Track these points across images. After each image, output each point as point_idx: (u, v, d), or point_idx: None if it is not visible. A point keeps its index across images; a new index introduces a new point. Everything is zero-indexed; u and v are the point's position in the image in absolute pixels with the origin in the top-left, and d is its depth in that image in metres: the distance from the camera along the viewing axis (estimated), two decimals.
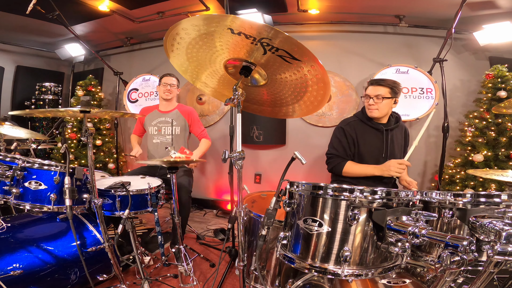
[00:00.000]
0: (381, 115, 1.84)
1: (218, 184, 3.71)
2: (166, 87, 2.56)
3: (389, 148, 1.85)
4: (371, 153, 1.85)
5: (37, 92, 4.11)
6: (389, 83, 1.81)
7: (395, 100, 1.83)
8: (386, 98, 1.79)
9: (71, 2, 2.87)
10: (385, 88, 1.79)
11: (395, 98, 1.82)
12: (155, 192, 1.79)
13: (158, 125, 2.58)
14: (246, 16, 2.86)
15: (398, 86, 1.83)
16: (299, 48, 0.99)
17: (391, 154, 1.85)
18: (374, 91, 1.81)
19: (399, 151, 1.90)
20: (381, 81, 1.82)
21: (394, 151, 1.87)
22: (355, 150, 1.87)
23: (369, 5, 2.87)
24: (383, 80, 1.82)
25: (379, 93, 1.79)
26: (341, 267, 0.89)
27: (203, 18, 1.01)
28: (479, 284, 0.76)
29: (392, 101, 1.82)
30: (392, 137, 1.88)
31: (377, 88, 1.80)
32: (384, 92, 1.79)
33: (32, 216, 1.69)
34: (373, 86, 1.83)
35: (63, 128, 3.10)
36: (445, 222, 1.02)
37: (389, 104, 1.82)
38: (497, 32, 2.54)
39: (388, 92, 1.79)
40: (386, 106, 1.81)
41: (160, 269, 2.00)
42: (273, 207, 1.08)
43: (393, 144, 1.87)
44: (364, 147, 1.86)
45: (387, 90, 1.79)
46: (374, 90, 1.81)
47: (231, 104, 1.16)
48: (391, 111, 1.90)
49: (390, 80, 1.84)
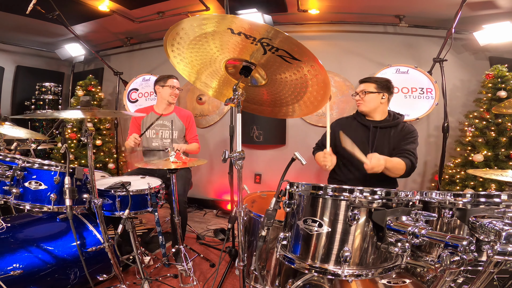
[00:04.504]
0: (368, 109, 1.90)
1: (218, 184, 3.71)
2: (174, 90, 2.49)
3: (376, 145, 1.85)
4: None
5: (37, 92, 4.11)
6: (375, 79, 1.92)
7: (384, 95, 1.86)
8: (369, 92, 1.87)
9: (71, 2, 2.87)
10: (370, 84, 1.89)
11: (383, 93, 1.86)
12: (155, 192, 1.79)
13: (155, 128, 2.51)
14: (246, 16, 2.86)
15: (386, 82, 1.88)
16: (299, 48, 0.99)
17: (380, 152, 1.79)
18: (360, 88, 1.92)
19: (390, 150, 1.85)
20: (367, 78, 1.94)
21: (382, 148, 1.83)
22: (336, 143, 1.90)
23: (369, 5, 2.87)
24: (370, 78, 1.95)
25: (363, 88, 1.90)
26: (341, 268, 0.89)
27: (203, 18, 1.01)
28: (479, 284, 0.76)
29: (379, 96, 1.86)
30: (384, 135, 1.88)
31: (363, 85, 1.92)
32: (368, 88, 1.88)
33: (32, 216, 1.69)
34: (361, 84, 1.94)
35: (63, 128, 3.09)
36: (445, 222, 1.02)
37: (375, 98, 1.87)
38: (497, 32, 2.54)
39: (373, 87, 1.87)
40: (371, 100, 1.88)
41: (160, 269, 2.00)
42: (273, 208, 1.08)
43: (383, 142, 1.86)
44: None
45: (372, 85, 1.88)
46: (360, 87, 1.93)
47: (231, 104, 1.16)
48: (384, 108, 1.91)
49: (378, 77, 1.96)
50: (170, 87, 2.48)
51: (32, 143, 2.34)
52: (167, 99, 2.50)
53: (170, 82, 2.50)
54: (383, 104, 1.89)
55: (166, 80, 2.51)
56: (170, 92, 2.48)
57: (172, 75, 2.55)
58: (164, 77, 2.54)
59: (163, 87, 2.50)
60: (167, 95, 2.49)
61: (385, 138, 1.88)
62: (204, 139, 3.69)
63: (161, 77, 2.56)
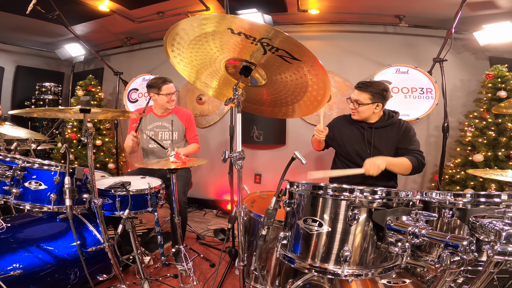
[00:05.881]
0: (361, 119, 1.91)
1: (218, 184, 3.71)
2: (170, 97, 2.33)
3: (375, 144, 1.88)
4: (353, 147, 1.94)
5: (37, 92, 4.11)
6: (371, 89, 1.82)
7: (378, 105, 1.84)
8: (363, 104, 1.83)
9: (71, 2, 2.87)
10: (365, 94, 1.82)
11: (378, 103, 1.83)
12: (155, 192, 1.79)
13: (154, 129, 2.43)
14: (246, 16, 2.86)
15: (382, 92, 1.82)
16: (299, 48, 0.99)
17: (378, 151, 1.87)
18: (355, 96, 1.87)
19: (387, 149, 1.88)
20: (363, 87, 1.84)
21: (382, 147, 1.87)
22: (334, 141, 2.03)
23: (369, 5, 2.87)
24: (366, 85, 1.84)
25: (358, 98, 1.85)
26: (341, 267, 0.89)
27: (203, 18, 1.01)
28: (479, 284, 0.76)
29: (373, 106, 1.84)
30: (380, 135, 1.89)
31: (358, 93, 1.86)
32: (363, 99, 1.83)
33: (32, 216, 1.69)
34: (356, 91, 1.88)
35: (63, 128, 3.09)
36: (445, 222, 1.02)
37: (368, 109, 1.85)
38: (497, 32, 2.54)
39: (368, 98, 1.82)
40: (365, 111, 1.86)
41: (160, 269, 2.00)
42: (273, 207, 1.08)
43: (379, 142, 1.88)
44: (343, 141, 1.98)
45: (367, 96, 1.82)
46: (355, 95, 1.87)
47: (231, 104, 1.16)
48: (379, 112, 1.91)
49: (376, 84, 1.85)
50: (166, 95, 2.32)
51: (32, 143, 2.34)
52: (165, 106, 2.38)
53: (165, 90, 2.31)
54: (377, 112, 1.89)
55: (160, 87, 2.31)
56: (167, 99, 2.33)
57: (166, 80, 2.34)
58: (158, 82, 2.32)
59: (158, 94, 2.33)
60: (164, 102, 2.35)
61: (382, 137, 1.89)
62: (204, 139, 3.69)
63: (154, 83, 2.33)
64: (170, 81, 2.37)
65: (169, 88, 2.33)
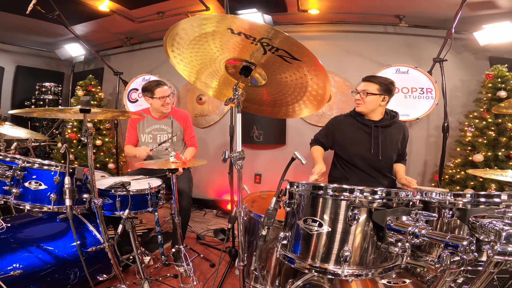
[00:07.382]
0: (367, 110, 1.89)
1: (218, 184, 3.71)
2: (164, 101, 2.28)
3: (380, 144, 1.87)
4: (356, 148, 1.92)
5: (37, 92, 4.11)
6: (380, 80, 1.85)
7: (384, 98, 1.84)
8: (371, 94, 1.83)
9: (71, 2, 2.87)
10: (374, 84, 1.84)
11: (384, 95, 1.84)
12: (155, 192, 1.79)
13: (153, 132, 2.41)
14: (246, 16, 2.86)
15: (390, 85, 1.84)
16: (299, 48, 0.99)
17: (383, 151, 1.87)
18: (362, 87, 1.87)
19: (392, 149, 1.90)
20: (372, 78, 1.87)
21: (386, 147, 1.88)
22: (334, 142, 2.01)
23: (369, 5, 2.87)
24: (374, 77, 1.87)
25: (366, 88, 1.84)
26: (341, 267, 0.89)
27: (203, 18, 1.01)
28: (479, 284, 0.76)
29: (380, 98, 1.84)
30: (385, 134, 1.89)
31: (366, 84, 1.86)
32: (371, 89, 1.83)
33: (32, 216, 1.69)
34: (364, 82, 1.89)
35: (63, 128, 3.09)
36: (445, 222, 1.02)
37: (375, 100, 1.84)
38: (497, 32, 2.54)
39: (376, 89, 1.83)
40: (372, 102, 1.85)
41: (160, 269, 2.00)
42: (273, 207, 1.08)
43: (385, 141, 1.89)
44: (345, 141, 1.95)
45: (376, 86, 1.83)
46: (363, 86, 1.87)
47: (231, 104, 1.16)
48: (383, 109, 1.91)
49: (383, 77, 1.88)
50: (160, 98, 2.28)
51: (32, 143, 2.34)
52: (160, 110, 2.35)
53: (159, 93, 2.27)
54: (382, 106, 1.89)
55: (153, 90, 2.28)
56: (161, 103, 2.30)
57: (159, 83, 2.32)
58: (152, 86, 2.29)
59: (152, 98, 2.31)
60: (158, 106, 2.32)
61: (387, 136, 1.89)
62: (204, 139, 3.69)
63: (148, 86, 2.31)
64: (164, 84, 2.34)
65: (163, 92, 2.29)
